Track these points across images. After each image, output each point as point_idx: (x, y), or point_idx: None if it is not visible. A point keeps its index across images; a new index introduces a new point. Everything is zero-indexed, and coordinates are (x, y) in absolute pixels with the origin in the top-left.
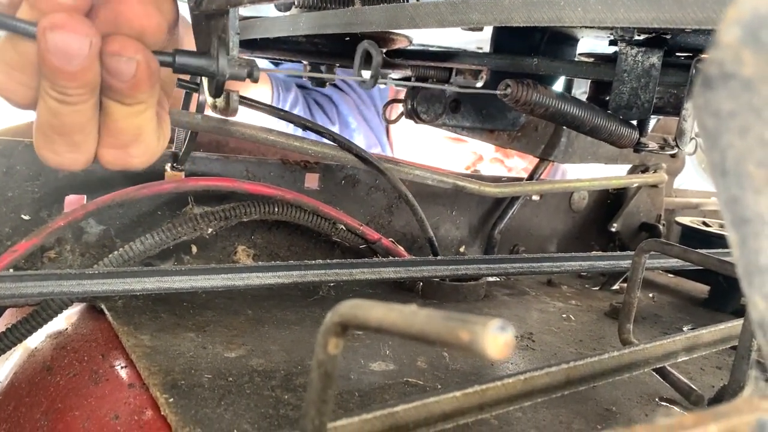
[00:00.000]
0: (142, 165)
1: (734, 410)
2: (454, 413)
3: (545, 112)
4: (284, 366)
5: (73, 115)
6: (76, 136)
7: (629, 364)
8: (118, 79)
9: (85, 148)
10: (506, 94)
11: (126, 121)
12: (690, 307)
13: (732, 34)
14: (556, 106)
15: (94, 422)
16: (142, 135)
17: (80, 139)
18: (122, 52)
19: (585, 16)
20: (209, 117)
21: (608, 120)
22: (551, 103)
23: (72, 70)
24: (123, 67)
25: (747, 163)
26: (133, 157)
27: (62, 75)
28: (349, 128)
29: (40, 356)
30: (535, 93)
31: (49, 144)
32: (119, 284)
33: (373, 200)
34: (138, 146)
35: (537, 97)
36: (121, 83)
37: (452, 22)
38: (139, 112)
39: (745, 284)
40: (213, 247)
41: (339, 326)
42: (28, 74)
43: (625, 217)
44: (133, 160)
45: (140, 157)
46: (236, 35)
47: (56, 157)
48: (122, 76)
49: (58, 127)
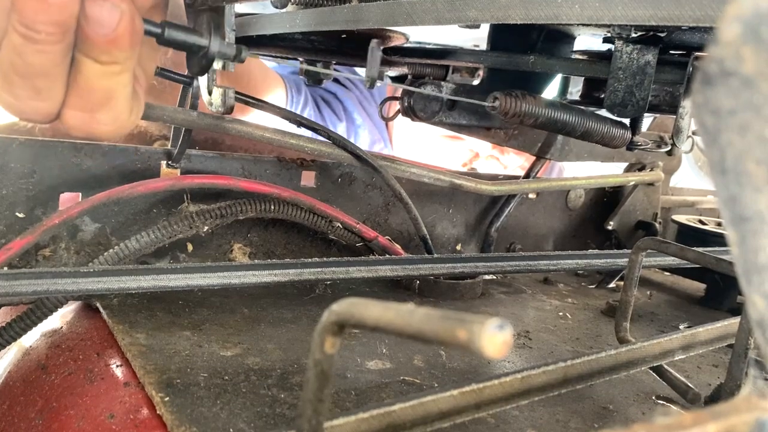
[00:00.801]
0: (108, 135)
1: (733, 409)
2: (451, 412)
3: (536, 121)
4: (280, 365)
5: (38, 56)
6: (39, 81)
7: (626, 363)
8: (96, 29)
9: (47, 96)
10: (495, 107)
11: (98, 80)
12: (686, 305)
13: (732, 31)
14: (546, 115)
15: (90, 421)
16: (112, 100)
17: (43, 85)
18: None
19: (582, 13)
20: (205, 114)
21: (600, 123)
22: (541, 112)
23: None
24: (105, 15)
25: (747, 161)
26: (100, 123)
27: (40, 3)
28: (354, 124)
29: (35, 355)
30: (523, 104)
31: (9, 86)
32: (114, 282)
33: (370, 198)
34: (107, 112)
35: (526, 108)
36: (100, 35)
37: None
38: (113, 74)
39: (743, 283)
40: (209, 245)
41: (335, 325)
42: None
43: (621, 215)
44: (99, 127)
45: (107, 125)
46: (232, 31)
47: (16, 102)
48: (102, 26)
49: (21, 68)
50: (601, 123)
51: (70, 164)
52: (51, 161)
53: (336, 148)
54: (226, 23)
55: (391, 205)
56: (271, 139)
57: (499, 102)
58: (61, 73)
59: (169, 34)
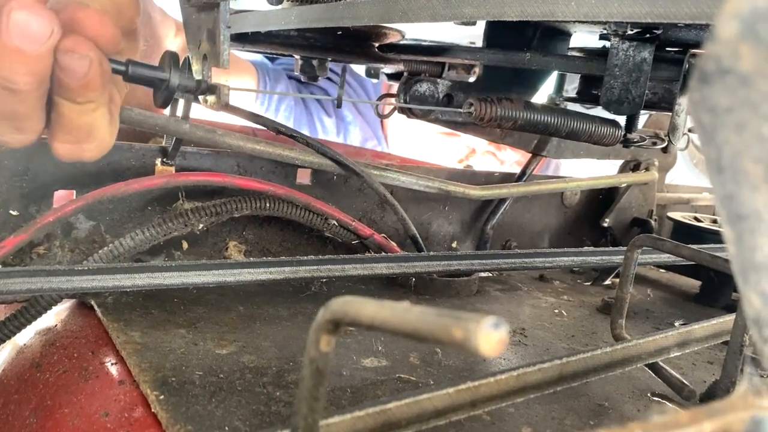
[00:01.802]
0: (95, 157)
1: (729, 407)
2: (446, 410)
3: (514, 124)
4: (276, 363)
5: (18, 103)
6: (20, 123)
7: (621, 360)
8: (69, 77)
9: (27, 131)
10: (470, 112)
11: (78, 118)
12: (682, 303)
13: (730, 29)
14: (525, 118)
15: (84, 419)
16: (94, 132)
17: (24, 124)
18: (76, 49)
19: (578, 10)
20: (197, 126)
21: (586, 122)
22: (519, 115)
23: (29, 53)
24: (75, 65)
25: (744, 160)
26: (86, 151)
27: (17, 58)
28: (345, 121)
29: (29, 353)
30: (498, 108)
31: None
32: (109, 280)
33: (366, 196)
34: (91, 141)
35: (502, 112)
36: (73, 81)
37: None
38: (90, 110)
39: (740, 281)
40: (204, 243)
41: (331, 323)
42: None
43: (617, 212)
44: (86, 154)
45: (93, 151)
46: (227, 28)
47: (1, 137)
48: (74, 73)
49: (2, 113)
50: (587, 122)
51: (64, 162)
52: (45, 159)
53: (323, 157)
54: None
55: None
56: (263, 151)
57: (474, 108)
58: (39, 113)
59: (133, 71)
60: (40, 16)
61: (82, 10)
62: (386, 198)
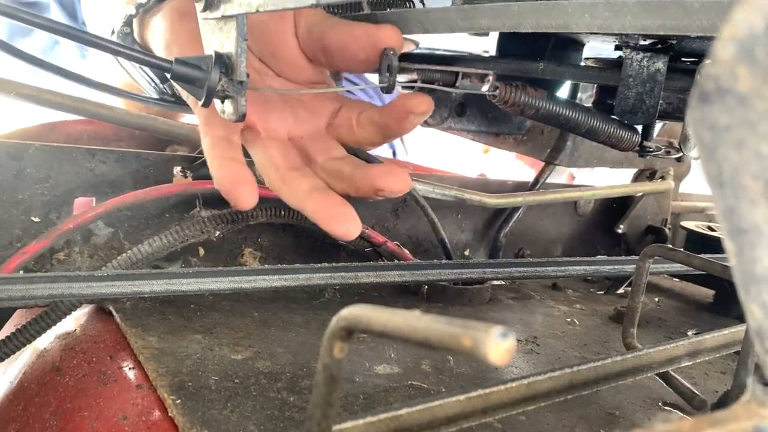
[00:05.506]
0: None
1: (732, 416)
2: (457, 417)
3: (536, 113)
4: (290, 368)
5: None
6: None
7: (633, 369)
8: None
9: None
10: (495, 95)
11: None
12: (695, 312)
13: (728, 51)
14: (547, 108)
15: (103, 423)
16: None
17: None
18: None
19: (592, 22)
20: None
21: (606, 122)
22: (541, 104)
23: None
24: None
25: (743, 176)
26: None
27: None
28: None
29: (49, 357)
30: (523, 95)
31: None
32: (128, 286)
33: (379, 203)
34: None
35: (526, 99)
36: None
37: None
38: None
39: (742, 293)
40: (220, 250)
41: (344, 330)
42: None
43: (631, 219)
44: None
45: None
46: (244, 41)
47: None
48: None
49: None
50: (607, 123)
51: (84, 169)
52: (66, 166)
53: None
54: (238, 33)
55: (400, 210)
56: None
57: (499, 90)
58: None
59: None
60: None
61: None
62: (418, 200)
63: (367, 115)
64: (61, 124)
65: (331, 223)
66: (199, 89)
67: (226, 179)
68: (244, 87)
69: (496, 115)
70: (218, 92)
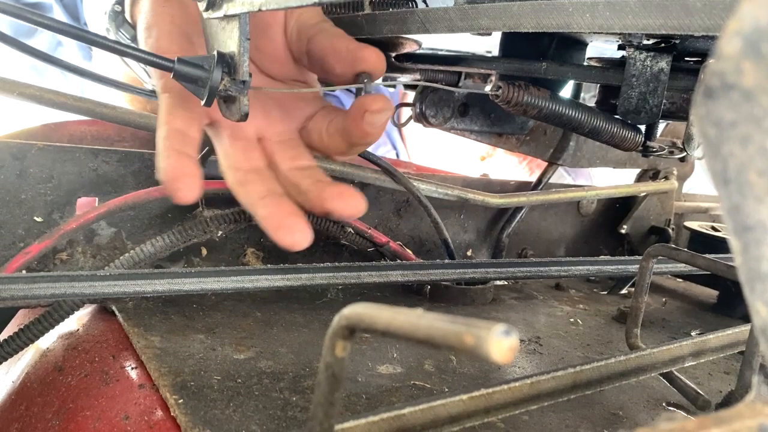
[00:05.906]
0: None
1: (736, 415)
2: (460, 416)
3: (539, 113)
4: (292, 368)
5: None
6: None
7: (636, 369)
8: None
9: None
10: (497, 95)
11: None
12: (698, 312)
13: (733, 46)
14: (549, 108)
15: (105, 422)
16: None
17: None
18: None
19: (593, 22)
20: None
21: (609, 122)
22: (544, 104)
23: None
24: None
25: (748, 172)
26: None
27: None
28: None
29: (51, 357)
30: (526, 94)
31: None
32: (130, 286)
33: (382, 203)
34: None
35: (528, 99)
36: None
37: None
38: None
39: (747, 291)
40: (222, 250)
41: (346, 329)
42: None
43: (634, 220)
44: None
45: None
46: (246, 41)
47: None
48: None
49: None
50: (611, 122)
51: (87, 169)
52: (69, 166)
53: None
54: (241, 33)
55: (403, 210)
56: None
57: (502, 90)
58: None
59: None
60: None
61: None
62: (421, 200)
63: (334, 123)
64: (63, 124)
65: (278, 232)
66: (201, 89)
67: (168, 171)
68: (247, 86)
69: (499, 115)
70: (220, 92)
